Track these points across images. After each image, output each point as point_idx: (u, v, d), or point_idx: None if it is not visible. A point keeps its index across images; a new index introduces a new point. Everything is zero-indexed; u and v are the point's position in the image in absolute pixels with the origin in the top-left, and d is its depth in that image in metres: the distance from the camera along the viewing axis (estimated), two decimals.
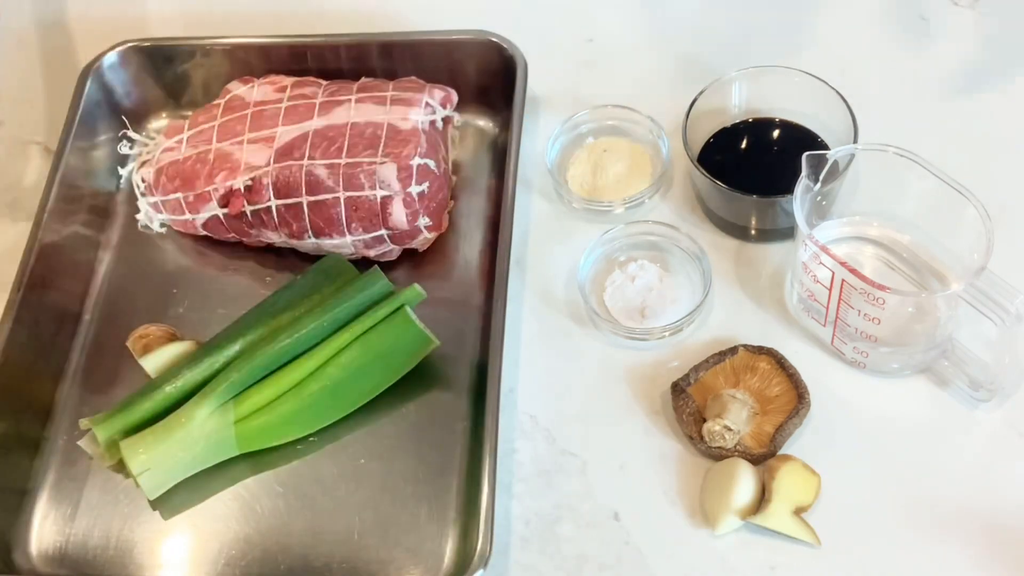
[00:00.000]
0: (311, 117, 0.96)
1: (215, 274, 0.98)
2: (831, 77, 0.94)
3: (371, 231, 0.93)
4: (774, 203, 0.92)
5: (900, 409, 0.87)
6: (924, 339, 0.87)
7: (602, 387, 0.90)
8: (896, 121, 0.99)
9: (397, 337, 0.88)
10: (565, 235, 0.98)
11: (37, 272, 0.93)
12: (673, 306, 0.92)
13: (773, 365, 0.88)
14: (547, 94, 1.05)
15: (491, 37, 1.01)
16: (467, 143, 1.04)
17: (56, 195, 0.97)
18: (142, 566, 0.85)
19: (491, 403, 0.84)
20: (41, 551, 0.86)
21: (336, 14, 1.11)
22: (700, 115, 0.95)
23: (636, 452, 0.87)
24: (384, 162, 0.92)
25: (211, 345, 0.90)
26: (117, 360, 0.93)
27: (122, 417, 0.86)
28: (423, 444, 0.88)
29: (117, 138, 1.04)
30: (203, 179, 0.95)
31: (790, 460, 0.83)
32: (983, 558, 0.81)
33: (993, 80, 1.03)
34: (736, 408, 0.85)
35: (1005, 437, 0.86)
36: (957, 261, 0.85)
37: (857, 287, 0.82)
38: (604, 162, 1.00)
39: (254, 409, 0.87)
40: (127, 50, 1.04)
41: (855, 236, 0.92)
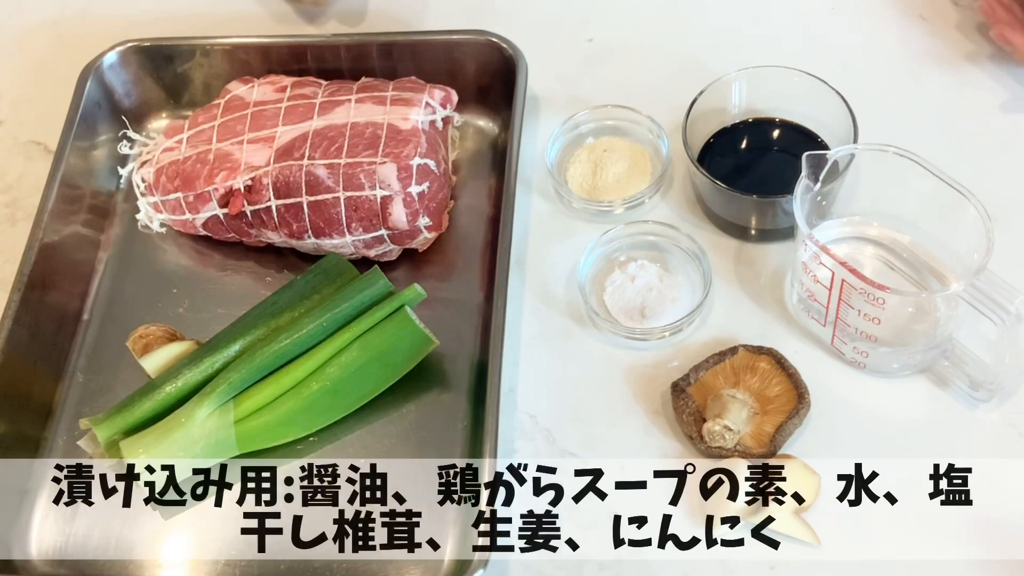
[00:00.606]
0: (311, 117, 0.96)
1: (215, 274, 0.98)
2: (831, 77, 0.94)
3: (371, 231, 0.93)
4: (774, 203, 0.92)
5: (900, 409, 0.87)
6: (924, 339, 0.87)
7: (602, 387, 0.90)
8: (896, 121, 0.99)
9: (397, 337, 0.88)
10: (565, 235, 0.98)
11: (37, 272, 0.93)
12: (673, 306, 0.92)
13: (773, 365, 0.88)
14: (547, 94, 1.05)
15: (491, 37, 1.01)
16: (467, 143, 1.04)
17: (56, 195, 0.97)
18: (142, 566, 0.85)
19: (491, 403, 0.84)
20: (41, 551, 0.86)
21: (336, 14, 1.11)
22: (700, 115, 0.95)
23: (636, 452, 0.87)
24: (384, 162, 0.92)
25: (211, 345, 0.90)
26: (117, 360, 0.94)
27: (122, 417, 0.86)
28: (423, 444, 0.88)
29: (117, 138, 1.04)
30: (203, 179, 0.95)
31: (790, 460, 0.83)
32: (982, 558, 0.80)
33: (993, 80, 1.03)
34: (736, 408, 0.85)
35: (1005, 437, 0.85)
36: (957, 261, 0.85)
37: (857, 287, 0.82)
38: (604, 162, 0.99)
39: (254, 409, 0.87)
40: (127, 50, 1.04)
41: (855, 236, 0.92)
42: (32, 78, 1.12)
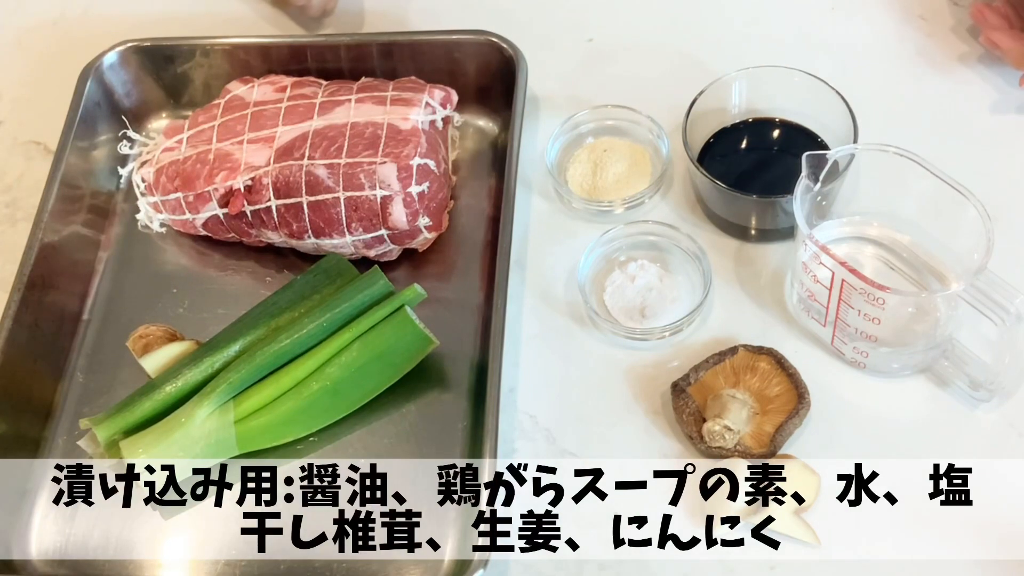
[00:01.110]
0: (311, 117, 0.96)
1: (215, 274, 0.98)
2: (831, 77, 0.94)
3: (371, 231, 0.93)
4: (774, 203, 0.92)
5: (900, 409, 0.87)
6: (924, 339, 0.87)
7: (602, 387, 0.90)
8: (896, 121, 0.99)
9: (397, 337, 0.88)
10: (565, 235, 0.98)
11: (37, 272, 0.93)
12: (673, 306, 0.92)
13: (773, 365, 0.88)
14: (547, 94, 1.05)
15: (491, 37, 1.01)
16: (467, 143, 1.04)
17: (56, 195, 0.97)
18: (142, 566, 0.85)
19: (491, 403, 0.84)
20: (41, 551, 0.86)
21: (336, 14, 1.11)
22: (700, 115, 0.95)
23: (636, 452, 0.87)
24: (384, 162, 0.92)
25: (211, 345, 0.90)
26: (117, 360, 0.94)
27: (122, 417, 0.86)
28: (423, 444, 0.88)
29: (117, 138, 1.04)
30: (203, 179, 0.95)
31: (790, 460, 0.83)
32: (983, 558, 0.80)
33: (993, 80, 1.03)
34: (736, 408, 0.85)
35: (1005, 437, 0.86)
36: (957, 261, 0.85)
37: (857, 287, 0.82)
38: (604, 162, 0.99)
39: (254, 409, 0.87)
40: (127, 50, 1.04)
41: (855, 236, 0.92)
42: (32, 78, 1.12)
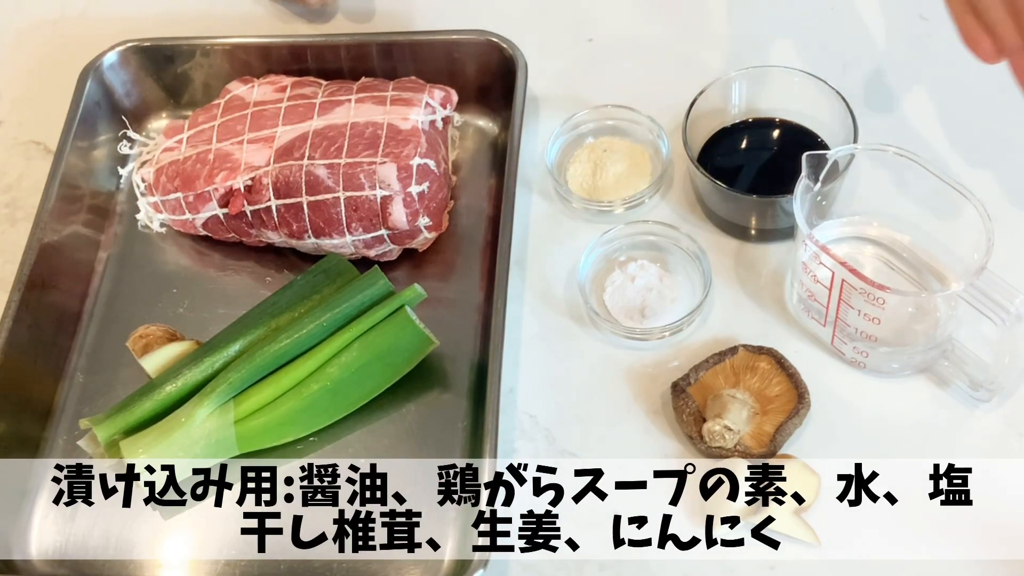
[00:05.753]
0: (311, 117, 0.96)
1: (215, 274, 0.98)
2: (831, 77, 0.94)
3: (371, 231, 0.93)
4: (774, 203, 0.92)
5: (900, 409, 0.87)
6: (924, 339, 0.87)
7: (602, 387, 0.90)
8: (896, 121, 0.99)
9: (397, 337, 0.88)
10: (565, 235, 0.98)
11: (37, 272, 0.93)
12: (673, 306, 0.92)
13: (773, 365, 0.88)
14: (547, 94, 1.05)
15: (491, 37, 1.01)
16: (467, 143, 1.04)
17: (56, 195, 0.96)
18: (142, 566, 0.85)
19: (491, 403, 0.84)
20: (41, 551, 0.86)
21: (337, 14, 1.11)
22: (700, 115, 0.95)
23: (636, 452, 0.87)
24: (384, 162, 0.92)
25: (211, 345, 0.90)
26: (117, 360, 0.94)
27: (122, 417, 0.87)
28: (423, 444, 0.88)
29: (117, 138, 1.04)
30: (203, 179, 0.95)
31: (790, 460, 0.83)
32: (983, 558, 0.81)
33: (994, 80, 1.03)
34: (736, 408, 0.85)
35: (1005, 437, 0.86)
36: (957, 261, 0.85)
37: (857, 287, 0.82)
38: (604, 162, 0.99)
39: (254, 409, 0.87)
40: (127, 50, 1.04)
41: (855, 236, 0.92)
42: (32, 78, 1.12)
